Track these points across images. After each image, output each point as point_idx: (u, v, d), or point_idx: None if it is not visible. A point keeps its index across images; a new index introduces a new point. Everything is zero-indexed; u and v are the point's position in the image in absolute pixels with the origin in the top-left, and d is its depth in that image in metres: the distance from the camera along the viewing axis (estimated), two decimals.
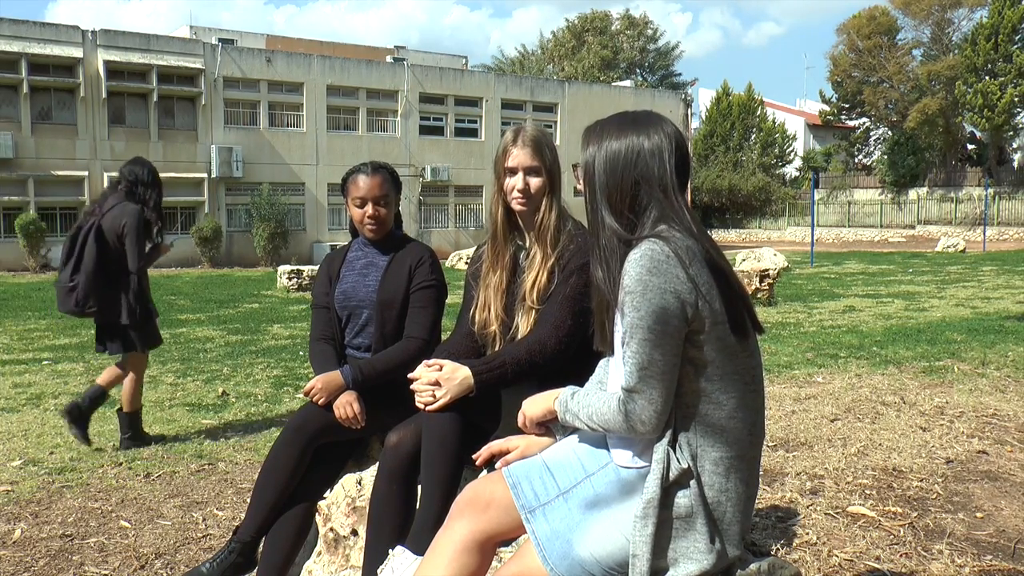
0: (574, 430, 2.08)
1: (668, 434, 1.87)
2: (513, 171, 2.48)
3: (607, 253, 1.91)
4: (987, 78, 39.26)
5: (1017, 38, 39.15)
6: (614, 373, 1.99)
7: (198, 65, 27.59)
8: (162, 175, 5.59)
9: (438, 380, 2.31)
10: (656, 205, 1.90)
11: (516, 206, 2.49)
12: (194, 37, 31.22)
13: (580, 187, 2.07)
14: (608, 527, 1.90)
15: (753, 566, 2.10)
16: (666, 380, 1.82)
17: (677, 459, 1.86)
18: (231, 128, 28.55)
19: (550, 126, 34.22)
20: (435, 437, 2.32)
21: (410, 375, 2.38)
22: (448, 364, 2.34)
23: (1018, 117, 41.43)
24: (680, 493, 1.86)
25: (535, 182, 2.48)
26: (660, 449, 1.87)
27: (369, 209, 2.96)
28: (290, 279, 16.48)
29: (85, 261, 4.96)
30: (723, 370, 1.87)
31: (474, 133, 33.30)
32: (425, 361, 2.38)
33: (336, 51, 34.38)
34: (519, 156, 2.48)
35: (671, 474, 1.85)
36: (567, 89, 35.71)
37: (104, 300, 5.01)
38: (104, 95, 26.11)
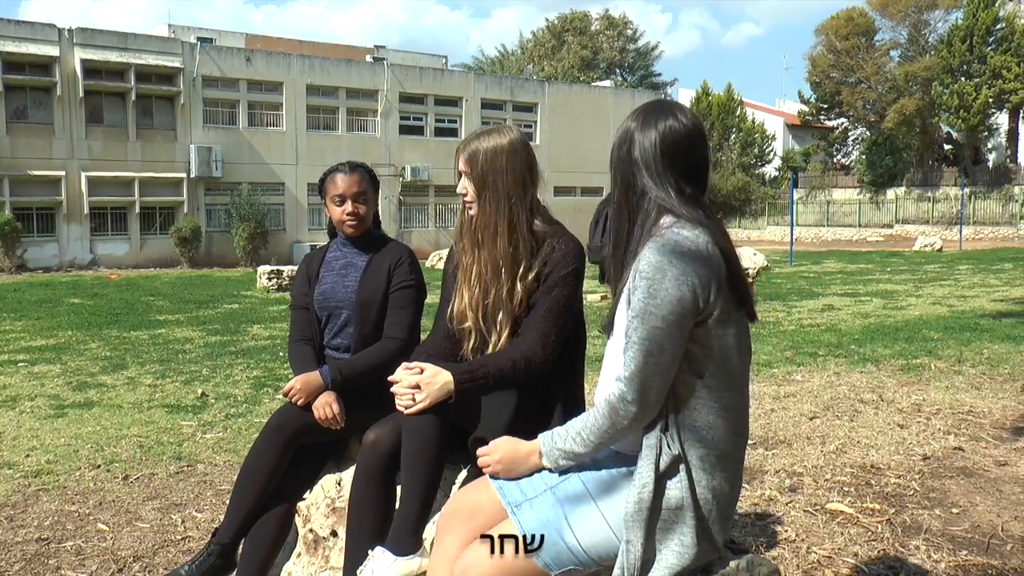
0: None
1: (660, 422, 1.88)
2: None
3: (643, 217, 1.91)
4: (963, 79, 39.69)
5: (991, 40, 39.58)
6: (612, 355, 1.98)
7: (176, 64, 27.38)
8: (141, 175, 5.53)
9: (418, 383, 2.28)
10: (685, 192, 1.92)
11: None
12: (172, 36, 31.01)
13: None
14: (596, 516, 1.92)
15: (732, 563, 2.11)
16: (668, 370, 1.83)
17: (668, 445, 1.86)
18: (210, 128, 28.37)
19: (530, 126, 34.24)
20: (415, 438, 2.31)
21: (390, 378, 2.35)
22: (429, 368, 2.29)
23: (993, 118, 41.92)
24: (671, 484, 1.87)
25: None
26: (653, 435, 1.87)
27: (348, 206, 2.95)
28: (270, 279, 16.39)
29: None
30: (717, 368, 1.88)
31: (454, 133, 33.25)
32: (405, 363, 2.35)
33: (316, 50, 34.24)
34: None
35: (663, 461, 1.85)
36: (547, 89, 35.73)
37: None
38: (81, 94, 25.85)
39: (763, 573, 2.17)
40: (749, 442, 4.71)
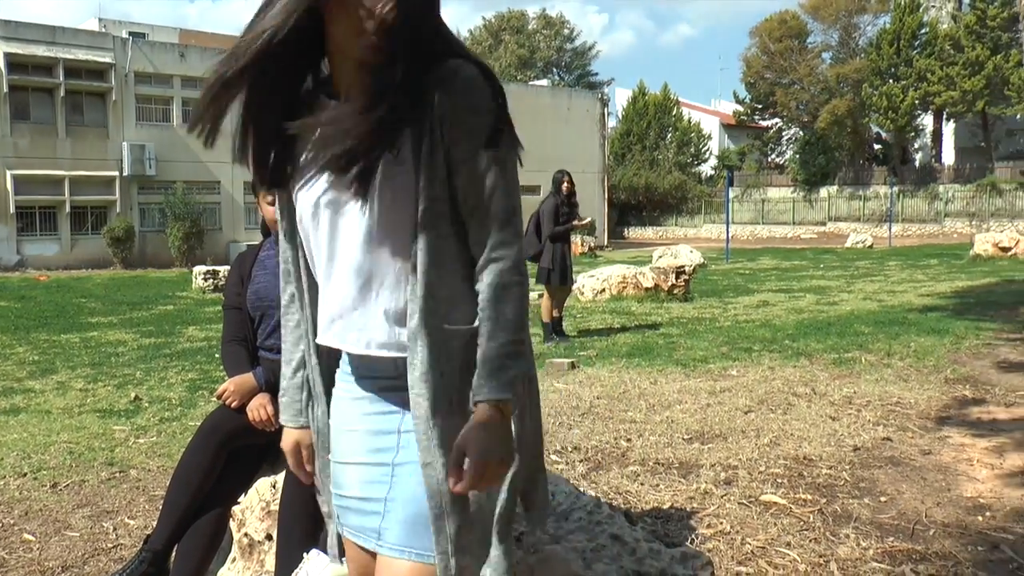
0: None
1: None
2: None
3: None
4: (891, 81, 40.91)
5: (916, 44, 40.86)
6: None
7: (107, 59, 26.68)
8: (71, 173, 5.38)
9: None
10: None
11: None
12: (103, 30, 30.23)
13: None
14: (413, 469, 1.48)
15: (666, 556, 2.14)
16: None
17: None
18: (143, 125, 27.71)
19: None
20: None
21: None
22: None
23: (919, 119, 43.32)
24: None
25: None
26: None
27: None
28: (206, 280, 16.11)
29: None
30: None
31: None
32: None
33: None
34: None
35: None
36: None
37: None
38: (5, 89, 25.03)
39: (697, 566, 2.22)
40: (685, 437, 4.79)
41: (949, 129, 45.54)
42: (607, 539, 2.08)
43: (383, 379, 1.51)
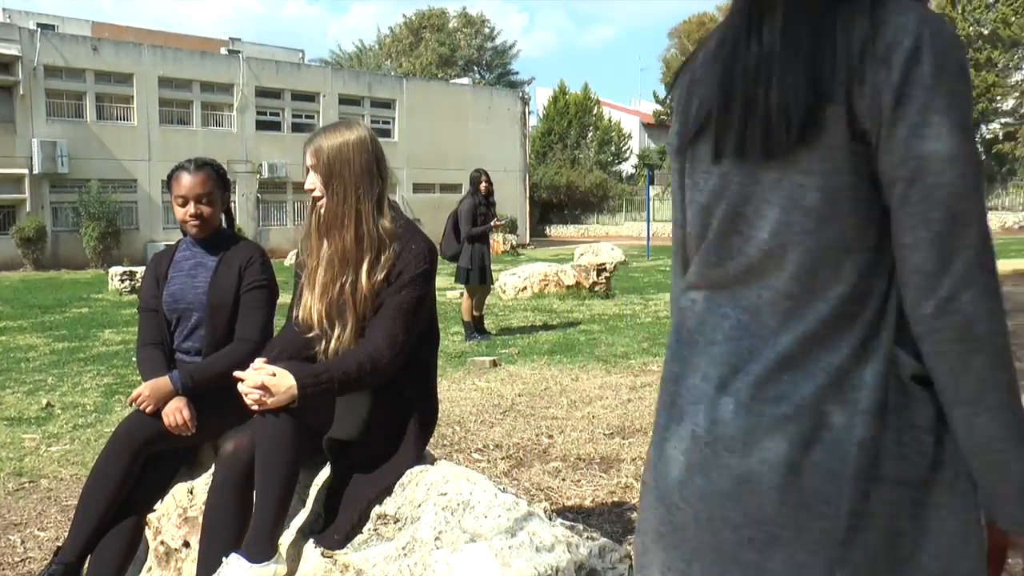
0: None
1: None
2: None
3: None
4: None
5: None
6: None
7: (14, 52, 25.58)
8: None
9: (265, 384, 2.24)
10: None
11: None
12: (8, 21, 28.97)
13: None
14: None
15: (584, 551, 2.19)
16: None
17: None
18: (55, 121, 26.67)
19: (388, 122, 33.88)
20: (268, 441, 2.27)
21: (237, 373, 2.30)
22: (279, 371, 2.25)
23: None
24: None
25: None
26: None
27: (191, 208, 2.87)
28: (122, 281, 15.65)
29: None
30: None
31: (312, 128, 32.40)
32: (254, 364, 2.32)
33: (168, 41, 32.76)
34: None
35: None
36: (405, 85, 35.43)
37: None
38: None
39: (614, 559, 2.27)
40: (607, 432, 4.87)
41: None
42: (525, 536, 2.11)
43: None
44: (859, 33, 1.03)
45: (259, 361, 2.32)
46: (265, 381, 2.23)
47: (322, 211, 2.41)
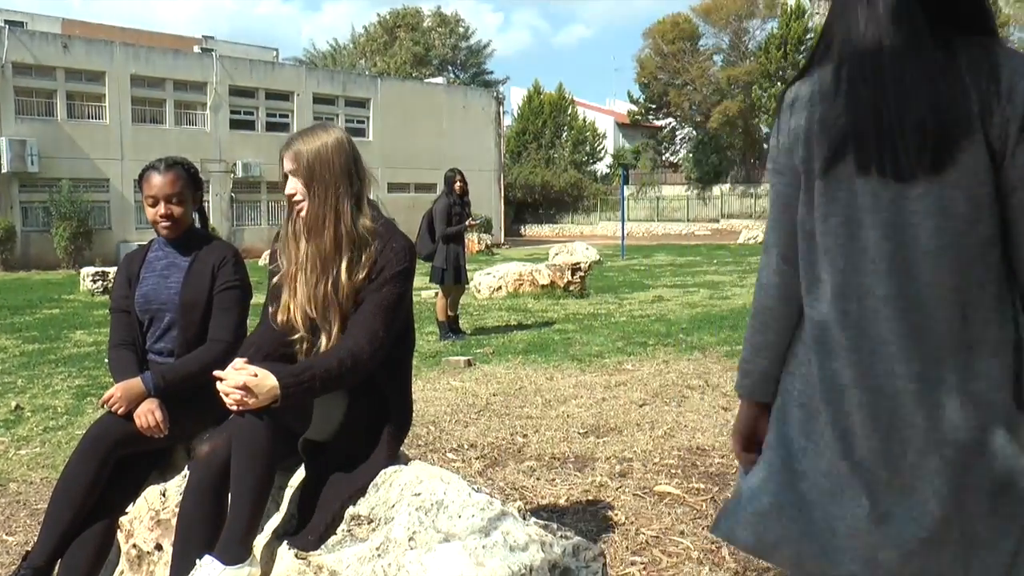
0: None
1: None
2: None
3: None
4: (779, 83, 42.46)
5: (802, 48, 42.56)
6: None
7: None
8: None
9: (247, 385, 2.23)
10: None
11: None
12: None
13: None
14: None
15: (557, 549, 2.20)
16: None
17: None
18: (24, 119, 26.28)
19: (363, 122, 33.76)
20: (245, 443, 2.25)
21: (216, 372, 2.29)
22: (260, 372, 2.24)
23: None
24: None
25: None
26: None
27: (161, 208, 2.84)
28: (94, 281, 15.48)
29: None
30: None
31: (286, 128, 32.09)
32: (234, 364, 2.30)
33: (140, 39, 32.40)
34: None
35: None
36: (380, 85, 35.31)
37: None
38: None
39: (588, 557, 2.28)
40: (581, 431, 4.89)
41: None
42: (499, 536, 2.12)
43: None
44: (984, 74, 1.34)
45: (240, 361, 2.30)
46: (247, 382, 2.21)
47: (303, 215, 2.41)
